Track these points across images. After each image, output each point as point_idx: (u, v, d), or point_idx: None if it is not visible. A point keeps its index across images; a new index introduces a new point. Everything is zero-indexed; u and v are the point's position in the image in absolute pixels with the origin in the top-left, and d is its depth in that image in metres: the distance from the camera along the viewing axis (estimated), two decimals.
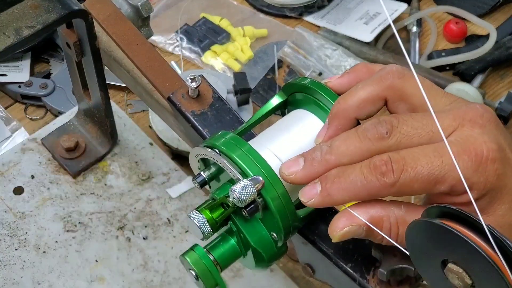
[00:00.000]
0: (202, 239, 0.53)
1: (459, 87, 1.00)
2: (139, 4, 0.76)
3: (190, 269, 0.54)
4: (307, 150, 0.53)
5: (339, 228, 0.50)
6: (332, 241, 0.51)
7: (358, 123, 0.54)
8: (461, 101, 0.53)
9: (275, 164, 0.54)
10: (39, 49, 1.05)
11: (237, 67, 1.07)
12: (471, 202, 0.47)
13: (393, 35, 1.10)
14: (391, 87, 0.53)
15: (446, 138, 0.49)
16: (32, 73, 1.03)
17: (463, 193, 0.48)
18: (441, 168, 0.48)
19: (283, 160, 0.54)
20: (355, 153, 0.50)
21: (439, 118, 0.49)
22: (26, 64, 1.03)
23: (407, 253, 0.48)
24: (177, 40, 1.10)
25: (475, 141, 0.48)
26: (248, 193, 0.50)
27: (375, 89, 0.53)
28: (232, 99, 0.97)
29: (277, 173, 0.53)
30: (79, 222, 0.82)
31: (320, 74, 1.05)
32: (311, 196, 0.51)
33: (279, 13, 1.14)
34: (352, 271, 0.55)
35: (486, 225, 0.41)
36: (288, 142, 0.56)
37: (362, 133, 0.50)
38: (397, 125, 0.50)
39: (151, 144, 0.89)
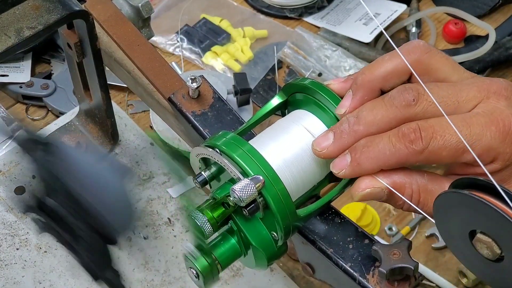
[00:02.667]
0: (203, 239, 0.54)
1: None
2: (140, 5, 0.77)
3: (190, 268, 0.54)
4: (318, 138, 0.54)
5: (361, 189, 0.52)
6: (354, 200, 0.53)
7: None
8: (481, 76, 0.54)
9: (307, 140, 0.55)
10: (40, 49, 1.05)
11: (237, 67, 1.07)
12: (494, 172, 0.49)
13: (393, 36, 1.11)
14: (418, 61, 0.54)
15: (472, 109, 0.51)
16: (33, 74, 1.03)
17: (487, 164, 0.50)
18: (469, 138, 0.49)
19: (315, 135, 0.55)
20: (383, 121, 0.51)
21: (464, 89, 0.51)
22: (27, 64, 1.03)
23: (432, 220, 0.49)
24: (178, 41, 1.10)
25: (501, 113, 0.50)
26: (248, 193, 0.50)
27: (402, 62, 0.54)
28: (232, 100, 0.97)
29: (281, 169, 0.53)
30: None
31: (319, 74, 1.05)
32: (341, 167, 0.52)
33: (279, 14, 1.15)
34: (352, 271, 0.55)
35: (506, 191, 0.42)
36: (288, 141, 0.56)
37: (388, 101, 0.51)
38: (424, 92, 0.51)
39: (151, 144, 0.90)
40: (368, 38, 1.08)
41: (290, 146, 0.55)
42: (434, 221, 0.49)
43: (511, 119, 0.50)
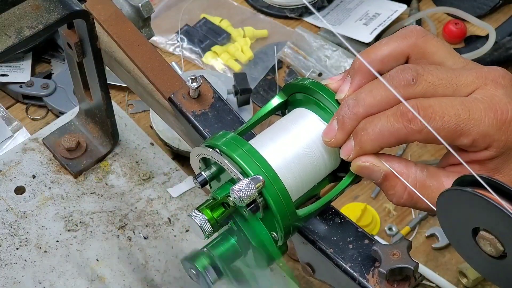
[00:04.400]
0: (203, 239, 0.54)
1: None
2: (140, 4, 0.77)
3: (190, 268, 0.54)
4: (326, 130, 0.55)
5: (361, 160, 0.53)
6: (350, 168, 0.54)
7: None
8: (477, 63, 0.55)
9: (307, 139, 0.55)
10: (40, 49, 1.05)
11: (237, 67, 1.07)
12: (488, 159, 0.50)
13: None
14: (415, 45, 0.54)
15: (470, 94, 0.51)
16: (33, 73, 1.03)
17: (481, 150, 0.51)
18: (468, 122, 0.50)
19: (315, 135, 0.55)
20: (382, 102, 0.52)
21: (463, 74, 0.52)
22: (27, 64, 1.03)
23: (434, 208, 0.50)
24: (178, 41, 1.10)
25: (499, 100, 0.51)
26: (248, 193, 0.50)
27: (399, 46, 0.54)
28: (232, 100, 0.97)
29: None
30: (80, 222, 0.82)
31: (320, 74, 1.05)
32: (348, 152, 0.53)
33: (279, 13, 1.15)
34: (351, 271, 0.55)
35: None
36: (288, 141, 0.56)
37: (387, 81, 0.52)
38: (423, 73, 0.51)
39: (152, 144, 0.90)
40: (368, 38, 1.08)
41: (290, 145, 0.55)
42: (439, 221, 0.49)
43: (508, 108, 0.50)
